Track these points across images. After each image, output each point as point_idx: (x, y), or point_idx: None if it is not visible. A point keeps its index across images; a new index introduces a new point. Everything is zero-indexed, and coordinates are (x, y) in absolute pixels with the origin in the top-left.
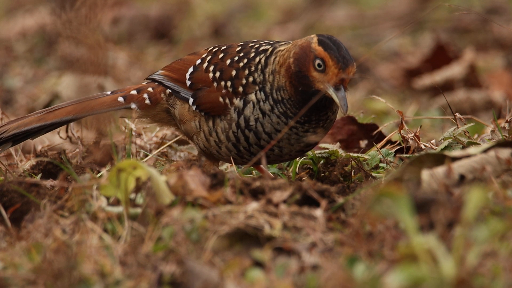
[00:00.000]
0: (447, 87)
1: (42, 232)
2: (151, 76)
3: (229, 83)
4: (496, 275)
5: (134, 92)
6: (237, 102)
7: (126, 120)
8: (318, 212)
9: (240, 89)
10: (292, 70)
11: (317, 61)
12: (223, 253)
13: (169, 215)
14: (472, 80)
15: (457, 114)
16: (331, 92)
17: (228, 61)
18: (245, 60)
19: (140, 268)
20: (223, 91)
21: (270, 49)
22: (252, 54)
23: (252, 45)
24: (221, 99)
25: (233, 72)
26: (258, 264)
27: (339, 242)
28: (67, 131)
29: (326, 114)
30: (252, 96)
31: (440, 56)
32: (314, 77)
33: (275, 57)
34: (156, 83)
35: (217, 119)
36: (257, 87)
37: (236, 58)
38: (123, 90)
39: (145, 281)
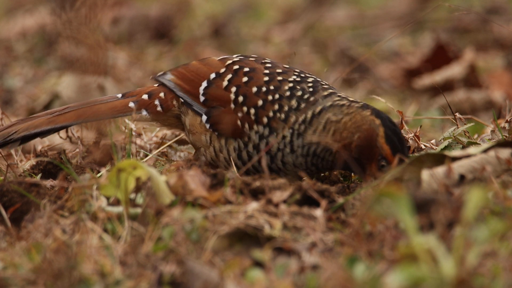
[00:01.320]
0: (447, 87)
1: (42, 232)
2: (161, 80)
3: (252, 111)
4: (496, 275)
5: (145, 96)
6: (260, 128)
7: (126, 120)
8: (318, 212)
9: (265, 120)
10: (351, 152)
11: (383, 162)
12: (223, 253)
13: (169, 215)
14: (472, 80)
15: (457, 114)
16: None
17: (254, 89)
18: (276, 96)
19: (140, 268)
20: (241, 115)
21: (319, 109)
22: (287, 93)
23: (280, 80)
24: (239, 123)
25: (259, 102)
26: (258, 264)
27: (339, 242)
28: (67, 131)
29: None
30: (286, 133)
31: (440, 56)
32: (372, 167)
33: (325, 125)
34: (168, 89)
35: (231, 138)
36: (289, 129)
37: (264, 89)
38: (134, 95)
39: (145, 281)
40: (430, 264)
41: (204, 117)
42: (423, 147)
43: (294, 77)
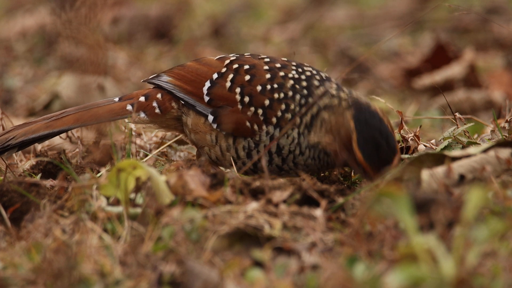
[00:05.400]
0: (447, 87)
1: (42, 232)
2: (157, 82)
3: (260, 111)
4: (496, 275)
5: (142, 98)
6: (270, 129)
7: (126, 120)
8: (318, 212)
9: (274, 120)
10: (342, 155)
11: (359, 163)
12: (223, 253)
13: (169, 215)
14: (472, 80)
15: (457, 114)
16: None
17: (259, 88)
18: (282, 95)
19: (140, 268)
20: (251, 115)
21: (316, 110)
22: (290, 93)
23: (283, 75)
24: (248, 124)
25: (266, 102)
26: (258, 264)
27: (339, 242)
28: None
29: None
30: (294, 133)
31: (440, 56)
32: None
33: (321, 125)
34: (165, 91)
35: (240, 138)
36: (297, 129)
37: (269, 87)
38: (131, 97)
39: (145, 281)
40: (430, 264)
41: (211, 117)
42: (423, 147)
43: (294, 72)
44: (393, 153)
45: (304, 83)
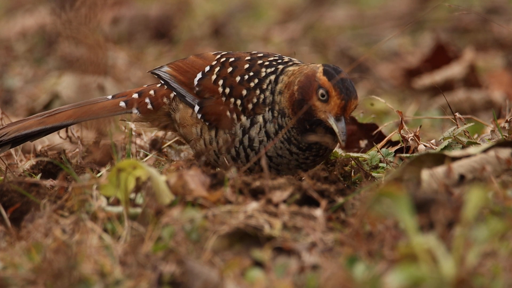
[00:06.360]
0: (447, 87)
1: (42, 232)
2: (156, 72)
3: (238, 102)
4: (496, 275)
5: (135, 95)
6: (244, 120)
7: (127, 121)
8: (318, 212)
9: (250, 106)
10: (295, 98)
11: (321, 91)
12: (223, 253)
13: (169, 215)
14: (472, 80)
15: (457, 114)
16: (331, 122)
17: (238, 78)
18: (256, 80)
19: (140, 268)
20: (231, 106)
21: (281, 68)
22: (263, 74)
23: (261, 63)
24: (228, 114)
25: (244, 92)
26: (258, 264)
27: (339, 242)
28: (67, 131)
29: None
30: (260, 118)
31: (440, 56)
32: (316, 106)
33: (284, 76)
34: (159, 85)
35: (221, 130)
36: (267, 108)
37: (246, 77)
38: (124, 95)
39: (145, 281)
40: (430, 264)
41: (197, 108)
42: (423, 147)
43: (274, 58)
44: (355, 90)
45: (279, 66)
